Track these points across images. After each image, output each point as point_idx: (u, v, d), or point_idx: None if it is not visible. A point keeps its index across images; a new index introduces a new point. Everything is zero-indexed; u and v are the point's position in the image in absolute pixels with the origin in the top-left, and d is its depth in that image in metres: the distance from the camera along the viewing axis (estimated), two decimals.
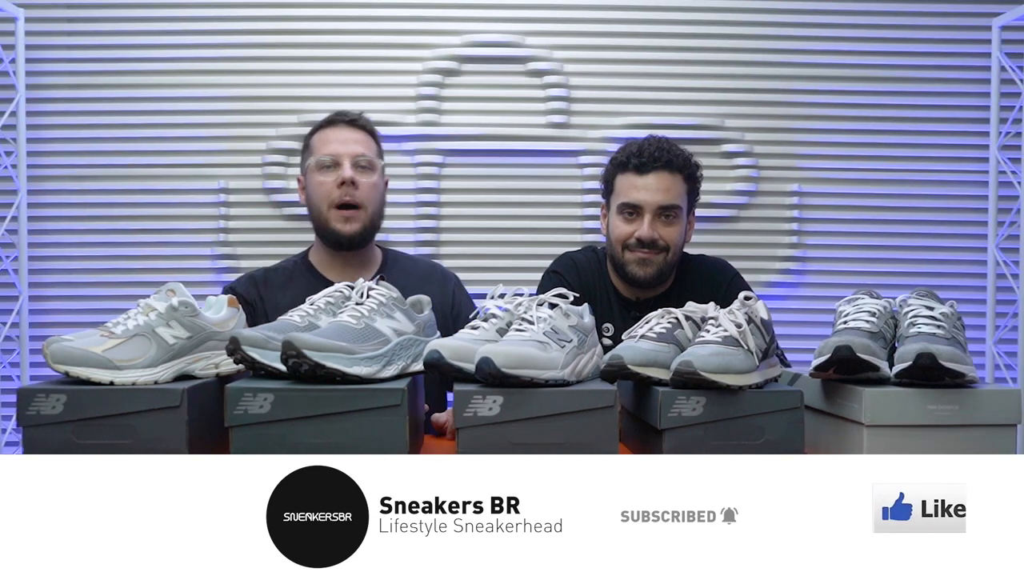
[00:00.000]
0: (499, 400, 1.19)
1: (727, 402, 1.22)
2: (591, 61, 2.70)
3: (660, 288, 1.93)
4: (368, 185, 1.91)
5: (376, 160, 1.94)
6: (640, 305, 1.91)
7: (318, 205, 1.90)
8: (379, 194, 1.94)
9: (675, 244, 1.88)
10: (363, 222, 1.89)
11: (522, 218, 2.70)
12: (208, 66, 2.66)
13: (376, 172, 1.93)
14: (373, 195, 1.92)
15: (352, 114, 1.98)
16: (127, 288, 2.60)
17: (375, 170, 1.93)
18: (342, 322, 1.27)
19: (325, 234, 1.90)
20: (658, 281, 1.89)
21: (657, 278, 1.88)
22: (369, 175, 1.92)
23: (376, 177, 1.93)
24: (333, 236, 1.88)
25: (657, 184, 1.87)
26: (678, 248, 1.90)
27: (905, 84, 2.72)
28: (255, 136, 2.67)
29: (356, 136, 1.94)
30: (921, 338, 1.26)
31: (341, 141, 1.92)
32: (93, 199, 2.65)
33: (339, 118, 1.96)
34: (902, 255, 2.74)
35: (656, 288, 1.92)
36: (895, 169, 2.73)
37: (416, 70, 2.68)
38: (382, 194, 1.96)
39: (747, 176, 2.71)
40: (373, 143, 1.97)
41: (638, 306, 1.91)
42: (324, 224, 1.89)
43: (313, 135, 1.96)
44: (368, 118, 2.00)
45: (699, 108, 2.71)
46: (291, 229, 2.66)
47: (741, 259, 2.60)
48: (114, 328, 1.24)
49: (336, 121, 1.96)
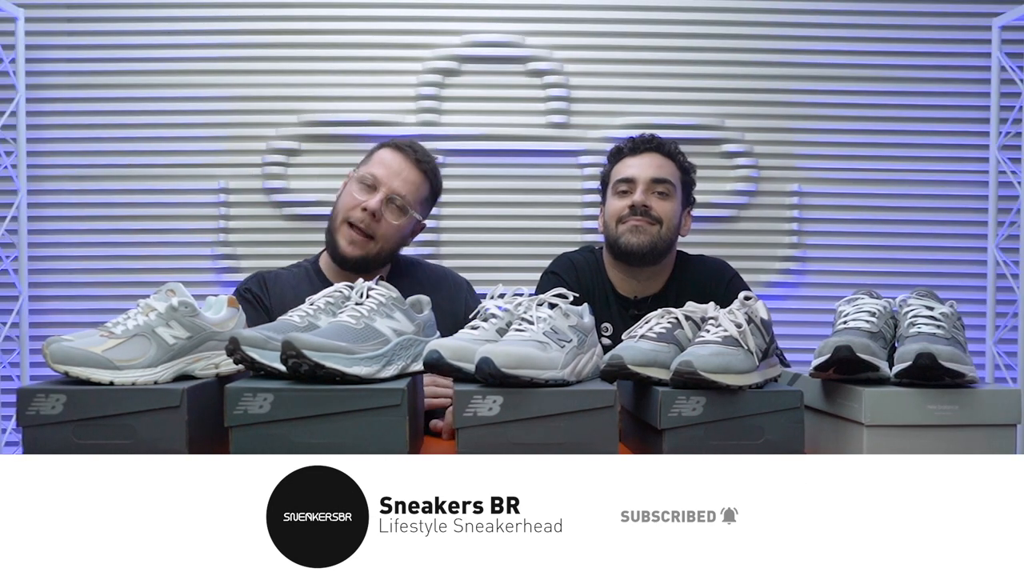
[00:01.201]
0: (499, 400, 1.19)
1: (727, 402, 1.22)
2: (591, 61, 2.70)
3: (657, 279, 1.94)
4: (390, 226, 1.83)
5: (413, 207, 1.85)
6: (638, 303, 1.91)
7: (337, 211, 1.84)
8: (398, 236, 1.86)
9: (668, 221, 1.89)
10: (369, 252, 1.83)
11: (522, 218, 2.70)
12: (208, 66, 2.66)
13: (406, 217, 1.84)
14: (390, 235, 1.84)
15: (423, 154, 1.88)
16: (127, 288, 2.60)
17: (405, 215, 1.84)
18: (342, 322, 1.27)
19: (330, 242, 1.87)
20: (652, 256, 1.88)
21: (651, 251, 1.87)
22: (397, 216, 1.83)
23: (403, 221, 1.84)
24: (334, 248, 1.84)
25: (650, 161, 1.93)
26: (672, 228, 1.90)
27: (905, 84, 2.72)
28: (255, 136, 2.67)
29: (410, 175, 1.85)
30: (921, 338, 1.26)
31: (393, 171, 1.84)
32: (93, 199, 2.65)
33: (409, 148, 1.88)
34: (902, 255, 2.74)
35: (651, 266, 1.92)
36: (895, 169, 2.73)
37: (416, 70, 2.68)
38: (402, 237, 1.88)
39: (747, 176, 2.71)
40: (424, 190, 1.88)
41: (636, 304, 1.91)
42: (332, 232, 1.85)
43: (380, 148, 1.89)
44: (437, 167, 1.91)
45: (699, 108, 2.71)
46: (291, 229, 2.66)
47: (741, 259, 2.61)
48: (114, 328, 1.24)
49: (404, 149, 1.88)
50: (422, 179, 1.87)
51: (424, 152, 1.89)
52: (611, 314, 1.91)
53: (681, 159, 1.97)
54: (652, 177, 1.90)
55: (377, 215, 1.80)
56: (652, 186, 1.90)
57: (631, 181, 1.91)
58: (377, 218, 1.80)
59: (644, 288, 1.94)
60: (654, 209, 1.88)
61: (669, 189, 1.91)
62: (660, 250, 1.90)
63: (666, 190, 1.91)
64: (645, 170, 1.91)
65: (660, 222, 1.88)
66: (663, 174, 1.92)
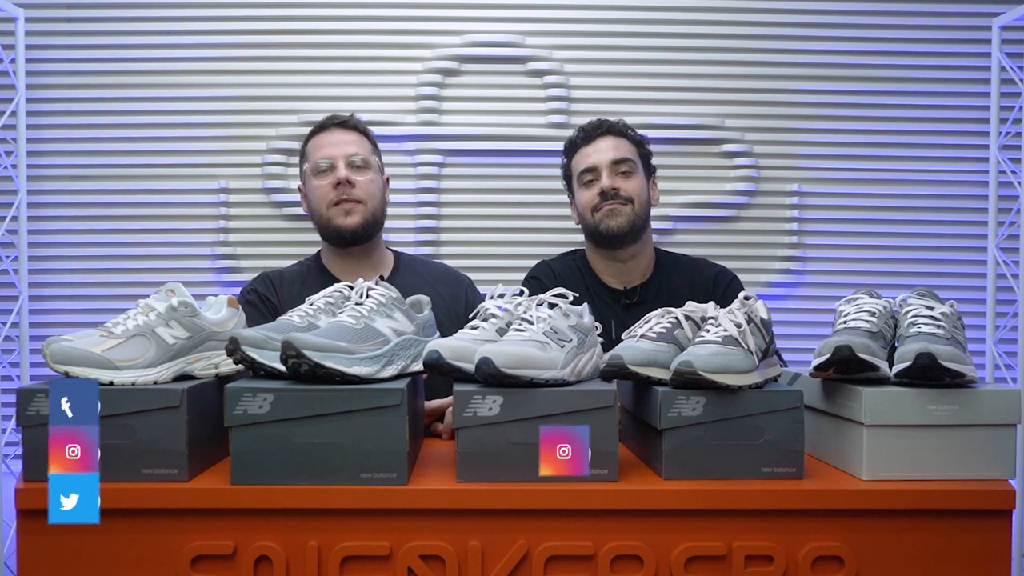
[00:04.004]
0: (499, 400, 1.19)
1: (727, 402, 1.22)
2: (591, 61, 2.70)
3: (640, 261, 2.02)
4: (365, 182, 1.93)
5: (371, 158, 1.97)
6: (629, 293, 1.96)
7: (318, 208, 1.93)
8: (378, 189, 1.96)
9: (638, 196, 1.98)
10: (363, 215, 1.91)
11: (522, 218, 2.70)
12: (208, 66, 2.66)
13: (372, 169, 1.95)
14: (371, 190, 1.94)
15: (342, 116, 2.00)
16: (127, 288, 2.60)
17: (370, 167, 1.95)
18: (342, 322, 1.27)
19: (328, 233, 1.93)
20: (632, 233, 1.97)
21: (630, 229, 1.97)
22: (364, 172, 1.94)
23: (372, 174, 1.95)
24: (336, 232, 1.91)
25: (606, 145, 2.01)
26: (643, 203, 2.00)
27: (905, 84, 2.72)
28: (255, 136, 2.67)
29: (348, 137, 1.97)
30: (921, 338, 1.26)
31: (334, 144, 1.94)
32: (93, 199, 2.65)
33: (330, 121, 1.99)
34: (902, 255, 2.73)
35: (632, 244, 1.99)
36: (895, 169, 2.73)
37: (416, 70, 2.68)
38: (381, 190, 1.98)
39: (747, 176, 2.71)
40: (367, 142, 1.99)
41: (627, 294, 1.96)
42: (326, 223, 1.92)
43: (307, 142, 1.99)
44: (359, 118, 2.02)
45: (699, 108, 2.71)
46: (291, 229, 2.66)
47: (741, 259, 2.61)
48: (114, 328, 1.24)
49: (327, 125, 1.98)
50: (358, 135, 1.98)
51: (341, 117, 2.00)
52: (605, 311, 1.93)
53: (632, 134, 2.05)
54: (612, 159, 1.99)
55: (352, 180, 1.90)
56: (615, 168, 1.99)
57: (594, 169, 1.99)
58: (353, 183, 1.90)
59: (630, 273, 2.00)
60: (623, 190, 1.98)
61: (631, 167, 2.00)
62: (638, 226, 1.98)
63: (628, 168, 2.00)
64: (604, 154, 1.99)
65: (631, 200, 1.96)
66: (621, 154, 2.00)
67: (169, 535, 1.17)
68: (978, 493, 1.20)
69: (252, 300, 1.91)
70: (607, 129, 2.03)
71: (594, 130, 2.03)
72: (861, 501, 1.20)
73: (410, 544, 1.18)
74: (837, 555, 1.19)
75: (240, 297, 1.95)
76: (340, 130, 1.97)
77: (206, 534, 1.17)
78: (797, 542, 1.20)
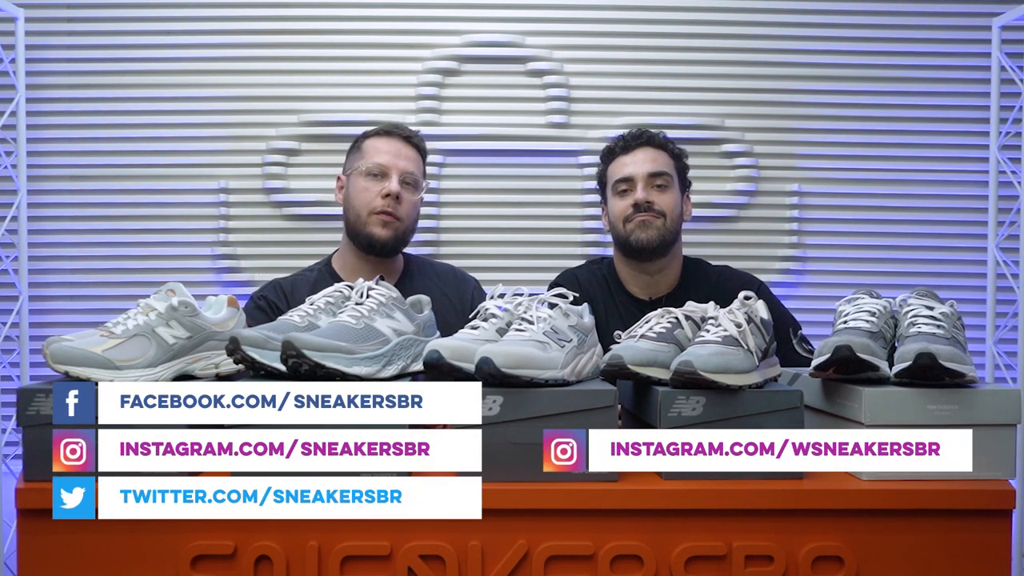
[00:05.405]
0: (499, 400, 1.19)
1: (727, 402, 1.22)
2: (591, 61, 2.70)
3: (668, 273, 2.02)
4: (409, 202, 1.98)
5: (421, 180, 2.02)
6: (654, 304, 1.94)
7: (358, 209, 1.96)
8: (416, 211, 2.02)
9: (671, 212, 1.97)
10: (398, 231, 1.96)
11: (522, 218, 2.69)
12: (208, 66, 2.66)
13: (419, 191, 2.01)
14: (411, 212, 1.99)
15: (408, 130, 2.05)
16: (127, 288, 2.59)
17: (419, 190, 2.01)
18: (342, 322, 1.27)
19: (359, 237, 1.96)
20: (662, 247, 1.96)
21: (660, 243, 1.96)
22: (412, 193, 1.99)
23: (417, 196, 2.01)
24: (367, 239, 1.95)
25: (644, 156, 2.01)
26: (675, 218, 1.99)
27: (905, 84, 2.72)
28: (255, 136, 2.66)
29: (409, 152, 2.01)
30: (921, 338, 1.26)
31: (394, 154, 1.99)
32: (93, 199, 2.65)
33: (396, 131, 2.03)
34: (902, 255, 2.73)
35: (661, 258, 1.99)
36: (895, 169, 2.73)
37: (416, 70, 2.68)
38: (418, 212, 2.04)
39: (747, 176, 2.71)
40: (421, 163, 2.04)
41: (652, 305, 1.94)
42: (361, 227, 1.95)
43: (366, 139, 2.02)
44: (422, 136, 2.08)
45: (699, 108, 2.70)
46: (291, 229, 2.66)
47: (741, 259, 2.61)
48: (114, 328, 1.25)
49: (392, 133, 2.02)
50: (416, 153, 2.03)
51: (406, 128, 2.05)
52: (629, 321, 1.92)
53: (671, 147, 2.06)
54: (649, 172, 1.99)
55: (401, 197, 1.94)
56: (650, 180, 1.99)
57: (629, 180, 1.99)
58: (400, 200, 1.95)
59: (657, 285, 1.99)
60: (656, 203, 1.97)
61: (667, 180, 2.00)
62: (668, 241, 1.98)
63: (664, 182, 1.99)
64: (641, 166, 1.99)
65: (664, 215, 1.96)
66: (659, 167, 1.99)
67: (169, 535, 1.17)
68: (978, 493, 1.20)
69: (262, 307, 1.93)
70: (647, 140, 2.03)
71: (634, 140, 2.03)
72: (861, 501, 1.20)
73: (410, 544, 1.18)
74: (837, 555, 1.20)
75: (249, 303, 1.97)
76: (403, 143, 2.01)
77: (206, 534, 1.17)
78: (797, 542, 1.20)
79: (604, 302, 2.00)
